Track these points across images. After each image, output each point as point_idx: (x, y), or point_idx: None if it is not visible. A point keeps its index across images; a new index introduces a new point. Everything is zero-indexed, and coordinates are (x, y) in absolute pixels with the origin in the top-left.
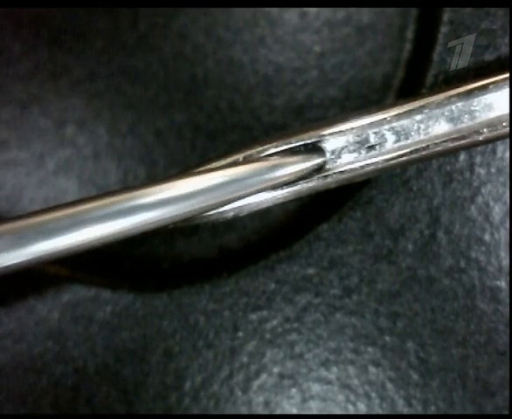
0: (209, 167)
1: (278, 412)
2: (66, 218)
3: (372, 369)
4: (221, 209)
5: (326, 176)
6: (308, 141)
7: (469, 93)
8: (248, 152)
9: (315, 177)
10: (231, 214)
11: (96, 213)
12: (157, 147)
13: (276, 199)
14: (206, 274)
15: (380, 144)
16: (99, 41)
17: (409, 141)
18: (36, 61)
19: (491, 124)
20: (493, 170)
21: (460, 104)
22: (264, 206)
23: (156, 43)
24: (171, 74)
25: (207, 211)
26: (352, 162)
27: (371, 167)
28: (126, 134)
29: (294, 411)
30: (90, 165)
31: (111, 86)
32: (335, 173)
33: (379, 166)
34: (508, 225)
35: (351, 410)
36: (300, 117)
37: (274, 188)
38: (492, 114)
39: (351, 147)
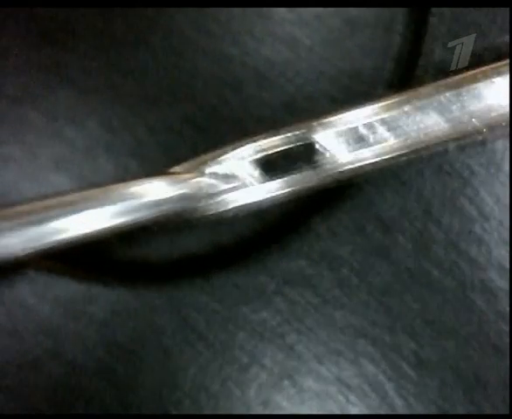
0: (196, 161)
1: (270, 405)
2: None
3: (364, 362)
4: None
5: (316, 169)
6: (298, 134)
7: (458, 84)
8: (239, 144)
9: (306, 170)
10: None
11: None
12: (148, 140)
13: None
14: (198, 268)
15: (371, 136)
16: (90, 36)
17: (399, 133)
18: (28, 56)
19: (480, 115)
20: (483, 161)
21: (449, 95)
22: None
23: (146, 37)
24: (161, 68)
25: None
26: (343, 155)
27: (362, 159)
28: (117, 128)
29: (286, 404)
30: (82, 159)
31: (102, 81)
32: (325, 166)
33: (370, 158)
34: (498, 216)
35: (344, 403)
36: (291, 109)
37: None
38: (481, 105)
39: (342, 139)
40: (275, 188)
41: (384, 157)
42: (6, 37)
